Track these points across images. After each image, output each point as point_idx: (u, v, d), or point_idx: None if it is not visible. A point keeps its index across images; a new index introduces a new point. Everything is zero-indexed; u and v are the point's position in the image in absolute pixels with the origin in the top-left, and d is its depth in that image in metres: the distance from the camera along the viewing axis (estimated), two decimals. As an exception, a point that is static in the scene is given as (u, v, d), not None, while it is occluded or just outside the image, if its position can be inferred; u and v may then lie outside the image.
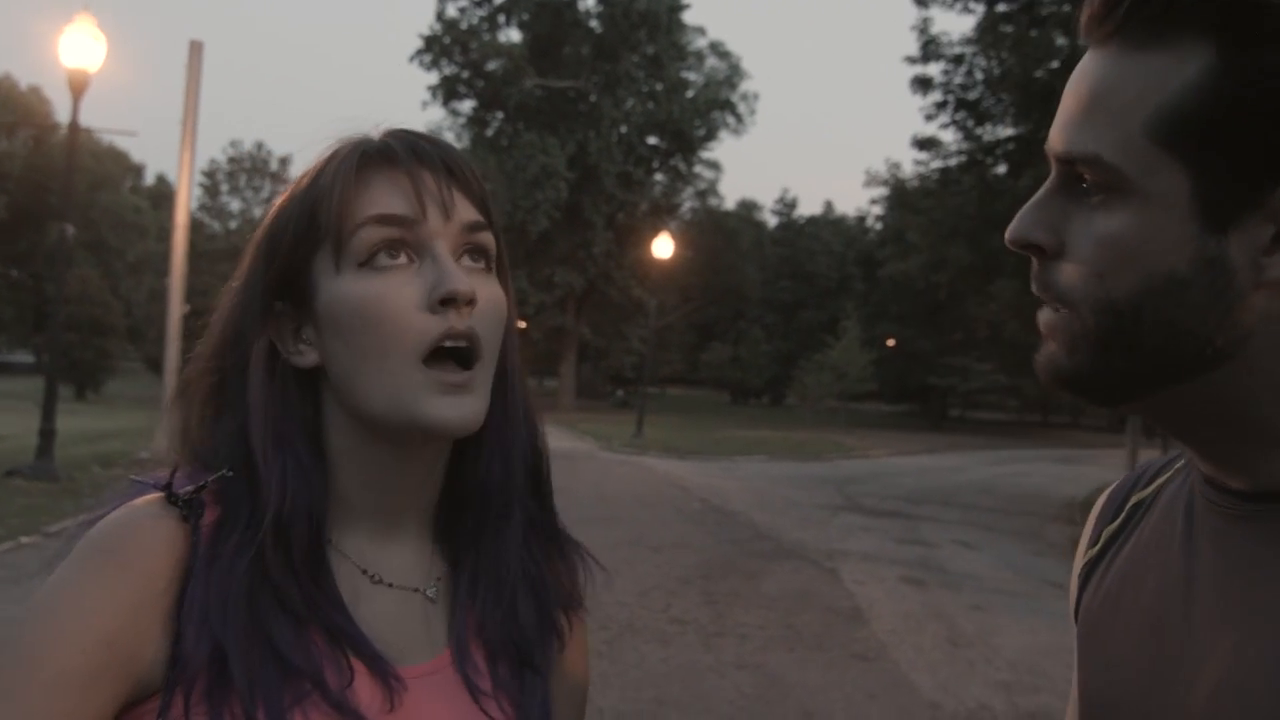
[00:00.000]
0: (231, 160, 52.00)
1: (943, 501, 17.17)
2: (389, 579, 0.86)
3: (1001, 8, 17.40)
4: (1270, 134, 0.61)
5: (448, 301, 0.79)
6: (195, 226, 35.16)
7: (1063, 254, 0.68)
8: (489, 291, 0.83)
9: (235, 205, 54.69)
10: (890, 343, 49.92)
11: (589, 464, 18.83)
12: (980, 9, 17.75)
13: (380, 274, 0.80)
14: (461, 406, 0.80)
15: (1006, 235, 0.71)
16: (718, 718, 5.28)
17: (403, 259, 0.81)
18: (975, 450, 34.72)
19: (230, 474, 0.80)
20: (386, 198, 0.81)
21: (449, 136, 48.23)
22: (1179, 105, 0.62)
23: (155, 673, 0.76)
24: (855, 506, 15.32)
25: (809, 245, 59.27)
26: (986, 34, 17.76)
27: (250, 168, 38.23)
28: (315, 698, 0.76)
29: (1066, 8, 16.43)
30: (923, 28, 18.73)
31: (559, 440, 24.37)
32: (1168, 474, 0.87)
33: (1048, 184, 0.69)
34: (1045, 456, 33.17)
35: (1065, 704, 3.95)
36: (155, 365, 38.67)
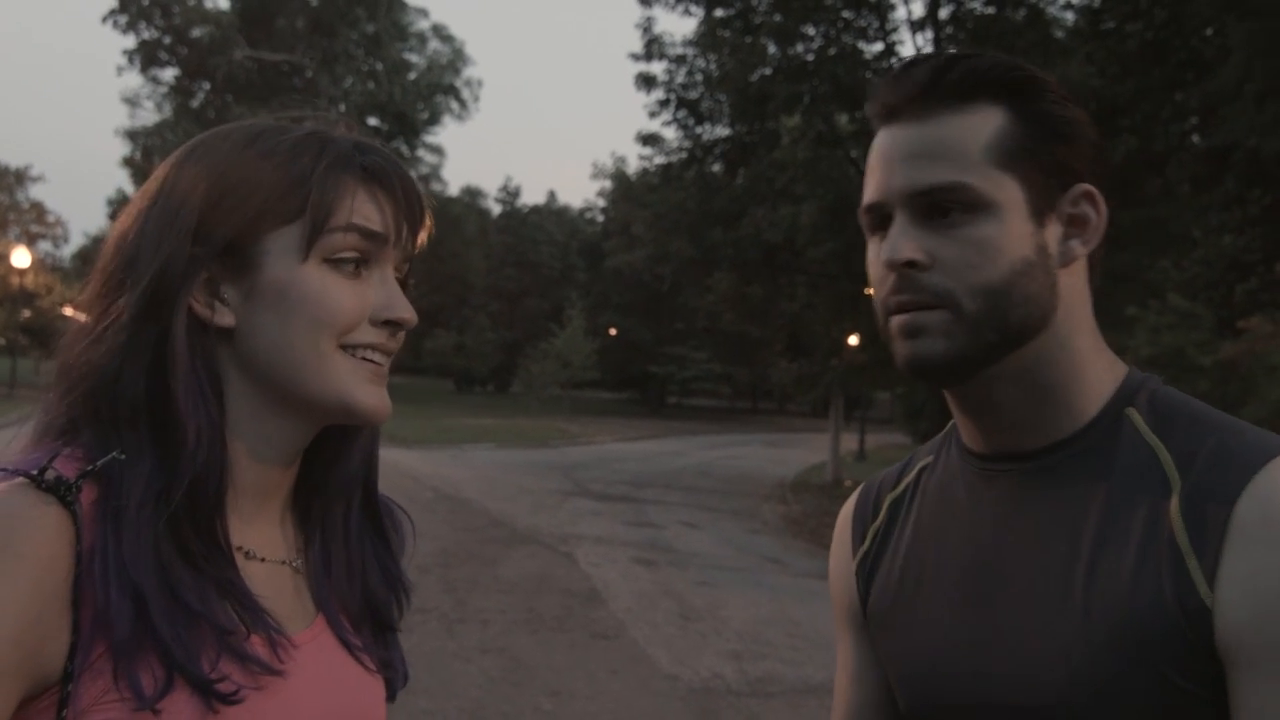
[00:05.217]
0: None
1: (666, 485, 17.89)
2: (259, 554, 0.89)
3: (720, 13, 18.22)
4: (1055, 156, 0.88)
5: (391, 324, 0.88)
6: None
7: (932, 266, 0.87)
8: None
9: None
10: (612, 332, 51.19)
11: (311, 455, 18.17)
12: (700, 12, 18.51)
13: (344, 276, 0.85)
14: (382, 397, 0.89)
15: (885, 257, 0.88)
16: (465, 702, 5.31)
17: (359, 268, 0.87)
18: (693, 435, 36.32)
19: (122, 456, 0.79)
20: (372, 211, 0.86)
21: (149, 106, 44.83)
22: (1001, 139, 0.87)
23: (54, 665, 0.74)
24: (584, 491, 15.69)
25: (533, 234, 59.64)
26: (706, 37, 18.57)
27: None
28: (223, 649, 0.79)
29: (777, 17, 17.47)
30: (647, 26, 19.29)
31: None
32: (910, 475, 1.07)
33: (903, 219, 0.88)
34: (756, 441, 35.21)
35: (788, 669, 4.33)
36: None
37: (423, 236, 0.93)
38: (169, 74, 42.25)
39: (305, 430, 0.89)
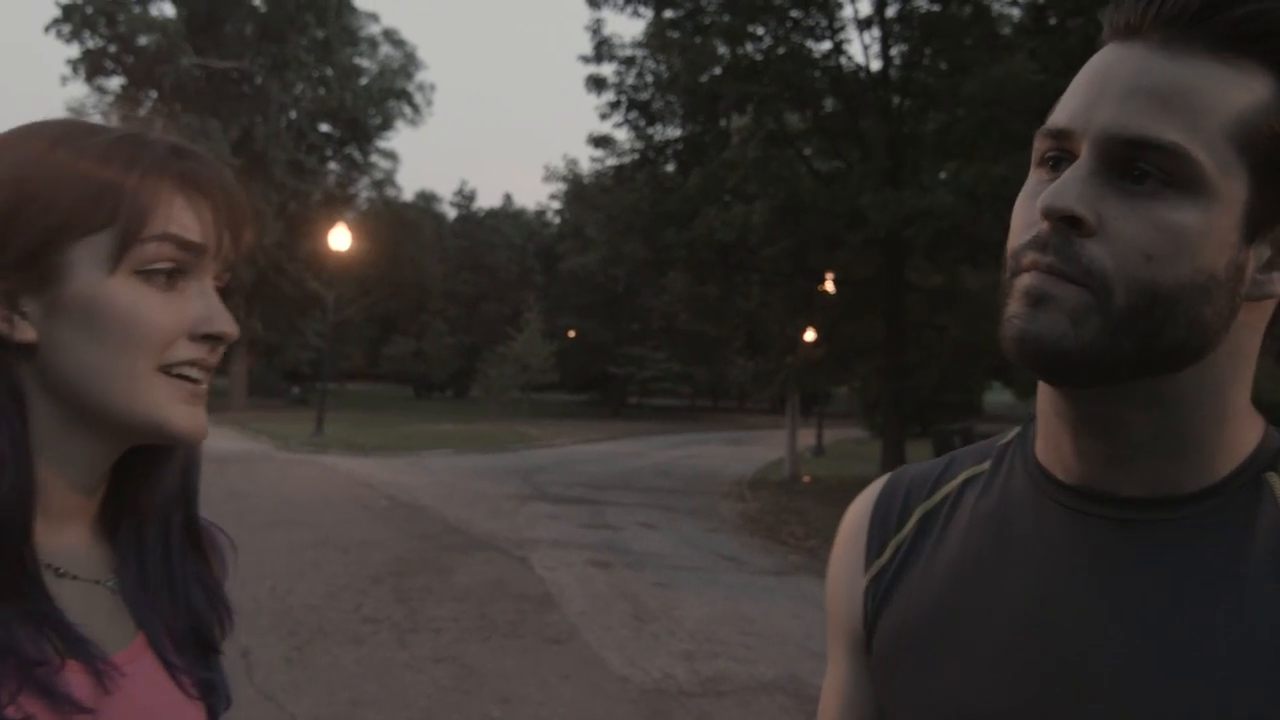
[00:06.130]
0: None
1: (624, 486, 17.89)
2: (70, 572, 0.85)
3: (669, 14, 18.26)
4: None
5: (210, 338, 0.83)
6: None
7: (1096, 233, 0.68)
8: None
9: None
10: (571, 334, 51.10)
11: (266, 465, 17.98)
12: (649, 14, 18.54)
13: (156, 290, 0.81)
14: (198, 417, 0.84)
15: (1044, 203, 0.68)
16: (416, 713, 5.28)
17: (174, 280, 0.82)
18: (653, 435, 36.34)
19: None
20: (189, 220, 0.82)
21: (95, 115, 44.03)
22: (1256, 118, 0.67)
23: None
24: (542, 495, 15.64)
25: (489, 238, 59.41)
26: (655, 38, 18.60)
27: None
28: (28, 685, 0.74)
29: (726, 18, 17.54)
30: (596, 28, 19.30)
31: (232, 442, 23.01)
32: (950, 485, 0.88)
33: (1086, 164, 0.69)
34: (716, 439, 35.32)
35: (740, 667, 4.34)
36: None
37: (246, 243, 0.88)
38: (115, 83, 41.59)
39: (113, 450, 0.86)
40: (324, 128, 44.63)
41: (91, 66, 40.38)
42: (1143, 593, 0.72)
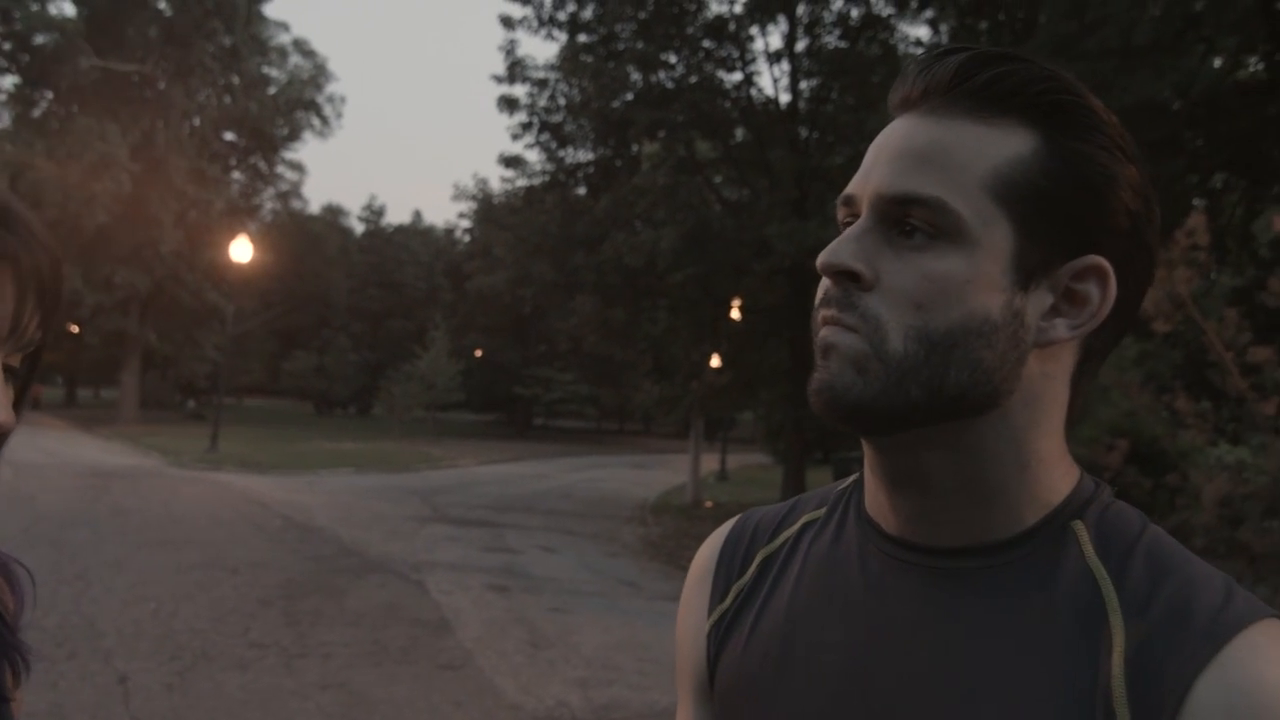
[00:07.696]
0: None
1: (526, 508, 17.76)
2: None
3: (583, 38, 18.35)
4: (1075, 212, 0.71)
5: None
6: None
7: (874, 287, 0.72)
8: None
9: None
10: (478, 353, 50.71)
11: (156, 482, 17.39)
12: (563, 37, 18.62)
13: None
14: None
15: (821, 260, 0.73)
16: (300, 742, 5.14)
17: None
18: (558, 457, 36.21)
19: None
20: None
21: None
22: (1012, 171, 0.71)
23: None
24: (443, 517, 15.44)
25: (397, 254, 58.73)
26: (568, 62, 18.67)
27: None
28: None
29: (640, 45, 17.70)
30: (510, 49, 19.32)
31: (119, 456, 22.25)
32: (790, 529, 0.90)
33: (863, 223, 0.73)
34: (621, 462, 35.32)
35: (634, 694, 4.34)
36: None
37: (55, 326, 0.80)
38: (8, 81, 40.12)
39: None
40: (229, 136, 43.72)
41: (-17, 64, 38.86)
42: (948, 641, 0.73)
